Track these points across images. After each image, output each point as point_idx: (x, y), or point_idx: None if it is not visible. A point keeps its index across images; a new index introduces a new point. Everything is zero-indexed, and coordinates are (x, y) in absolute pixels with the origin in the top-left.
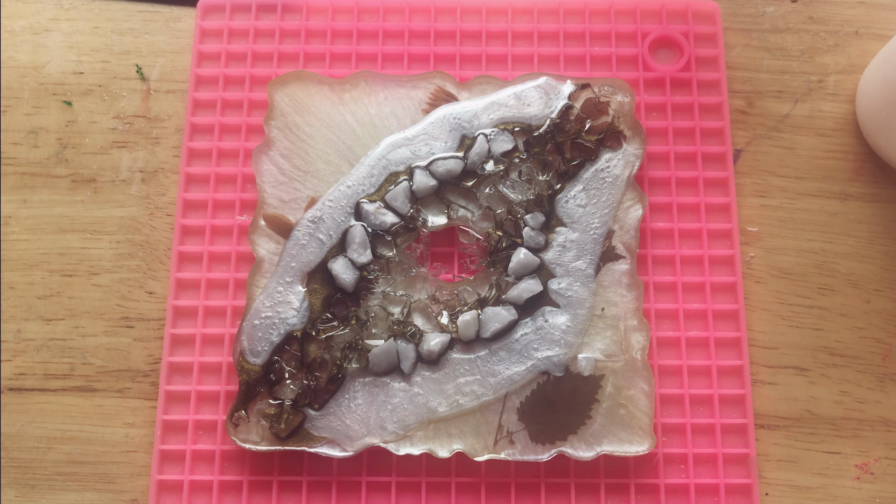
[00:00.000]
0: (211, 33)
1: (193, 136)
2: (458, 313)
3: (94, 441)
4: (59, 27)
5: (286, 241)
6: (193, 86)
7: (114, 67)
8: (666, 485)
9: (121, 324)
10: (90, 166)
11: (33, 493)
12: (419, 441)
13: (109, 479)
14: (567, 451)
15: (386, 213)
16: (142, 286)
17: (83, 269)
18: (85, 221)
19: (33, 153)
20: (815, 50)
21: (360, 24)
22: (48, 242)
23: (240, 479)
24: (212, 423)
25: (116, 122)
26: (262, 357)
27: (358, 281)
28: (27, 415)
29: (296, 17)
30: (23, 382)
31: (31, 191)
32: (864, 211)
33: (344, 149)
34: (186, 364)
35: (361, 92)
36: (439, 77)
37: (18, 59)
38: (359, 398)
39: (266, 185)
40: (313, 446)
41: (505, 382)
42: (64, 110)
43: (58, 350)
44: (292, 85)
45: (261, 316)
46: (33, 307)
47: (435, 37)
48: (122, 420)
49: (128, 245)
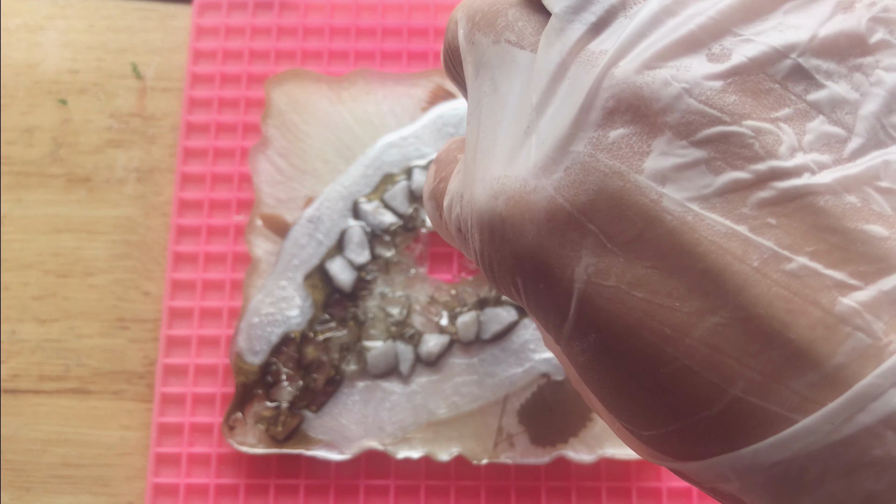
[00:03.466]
0: (207, 31)
1: (190, 134)
2: (457, 314)
3: (89, 444)
4: (55, 25)
5: (284, 241)
6: (190, 84)
7: (109, 65)
8: (668, 488)
9: (116, 325)
10: (85, 165)
11: (28, 497)
12: (418, 444)
13: (105, 483)
14: (568, 454)
15: (384, 213)
16: (137, 287)
17: (78, 269)
18: (80, 221)
19: (28, 152)
20: None
21: (359, 22)
22: (43, 242)
23: (236, 483)
24: (208, 425)
25: (112, 120)
26: (260, 356)
27: (356, 282)
28: (22, 417)
29: (293, 15)
30: (17, 384)
31: (26, 190)
32: None
33: (342, 147)
34: (182, 366)
35: (360, 90)
36: (438, 75)
37: (13, 58)
38: (357, 400)
39: (263, 184)
40: (311, 449)
41: (503, 384)
42: (59, 109)
43: (52, 351)
44: (290, 83)
45: (260, 313)
46: (28, 308)
47: (434, 34)
48: (118, 422)
49: (123, 245)
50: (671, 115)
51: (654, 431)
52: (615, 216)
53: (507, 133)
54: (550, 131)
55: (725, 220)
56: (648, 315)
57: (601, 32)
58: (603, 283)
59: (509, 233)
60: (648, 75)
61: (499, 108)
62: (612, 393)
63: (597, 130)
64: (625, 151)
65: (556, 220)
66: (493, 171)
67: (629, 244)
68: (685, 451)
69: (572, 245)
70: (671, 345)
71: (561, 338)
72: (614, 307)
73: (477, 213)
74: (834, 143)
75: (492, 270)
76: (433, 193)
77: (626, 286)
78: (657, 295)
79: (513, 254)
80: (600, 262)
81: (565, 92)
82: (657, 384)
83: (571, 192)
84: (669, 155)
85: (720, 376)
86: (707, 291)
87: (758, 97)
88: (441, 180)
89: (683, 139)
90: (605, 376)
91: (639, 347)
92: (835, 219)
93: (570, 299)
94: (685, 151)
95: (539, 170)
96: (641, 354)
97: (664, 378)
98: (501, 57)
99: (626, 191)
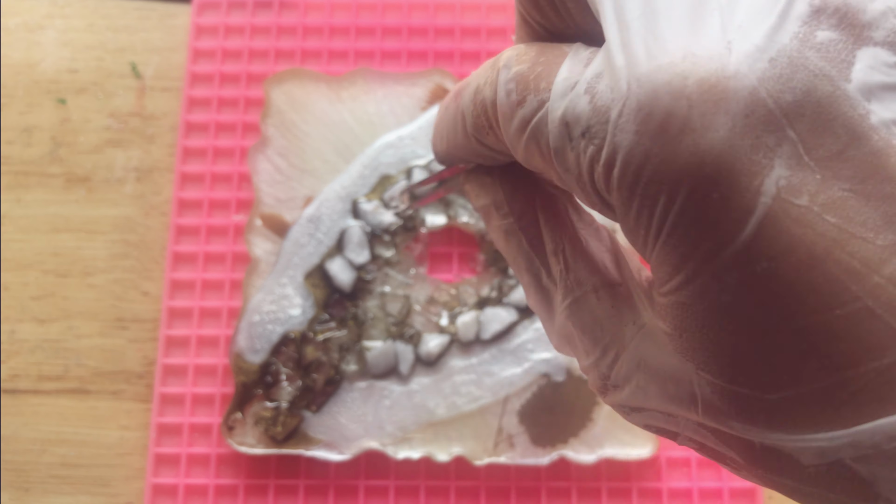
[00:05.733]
0: (207, 30)
1: (189, 134)
2: (457, 314)
3: (88, 444)
4: (54, 24)
5: (283, 241)
6: (189, 83)
7: (108, 65)
8: (669, 489)
9: (115, 325)
10: (84, 165)
11: (27, 497)
12: (418, 444)
13: (104, 483)
14: (568, 455)
15: (384, 213)
16: (137, 287)
17: (77, 269)
18: (79, 221)
19: (27, 152)
20: None
21: (359, 21)
22: (42, 242)
23: (236, 483)
24: (207, 425)
25: (111, 120)
26: (260, 355)
27: (356, 281)
28: (21, 417)
29: (293, 14)
30: (17, 384)
31: (25, 190)
32: None
33: (342, 147)
34: (182, 366)
35: (359, 89)
36: (438, 74)
37: (12, 57)
38: (357, 399)
39: (262, 183)
40: (310, 449)
41: (503, 384)
42: (58, 108)
43: (52, 351)
44: (289, 82)
45: (261, 311)
46: (27, 308)
47: (434, 33)
48: (117, 422)
49: (122, 245)
50: (877, 31)
51: (788, 392)
52: (819, 125)
53: (682, 12)
54: (751, 17)
55: None
56: (838, 244)
57: None
58: (793, 202)
59: (696, 122)
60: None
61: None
62: (746, 343)
63: (803, 26)
64: (833, 55)
65: (755, 117)
66: (676, 45)
67: (828, 160)
68: (826, 417)
69: (766, 150)
70: (858, 281)
71: (701, 273)
72: (801, 231)
73: (647, 95)
74: None
75: (636, 176)
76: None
77: (818, 207)
78: (851, 222)
79: (693, 149)
80: (793, 175)
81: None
82: (827, 327)
83: (777, 87)
84: (876, 70)
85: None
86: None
87: None
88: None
89: (891, 58)
90: (749, 323)
91: (818, 282)
92: None
93: (749, 215)
94: (892, 70)
95: (742, 55)
96: (819, 291)
97: (838, 320)
98: None
99: (836, 98)
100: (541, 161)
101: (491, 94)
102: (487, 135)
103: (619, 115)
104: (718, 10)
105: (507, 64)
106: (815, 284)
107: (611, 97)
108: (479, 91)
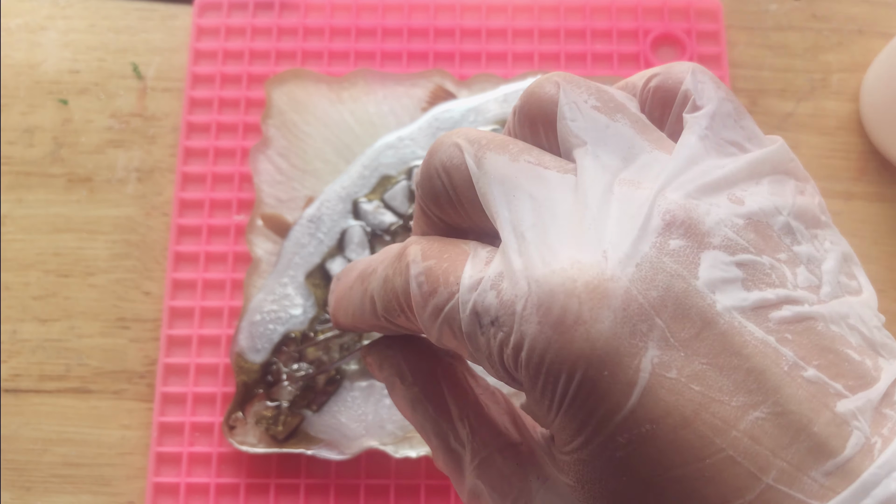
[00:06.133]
0: (208, 31)
1: (190, 135)
2: None
3: (89, 443)
4: (55, 25)
5: (284, 241)
6: (190, 84)
7: (110, 66)
8: None
9: (117, 325)
10: (86, 165)
11: (29, 496)
12: (418, 443)
13: (105, 482)
14: None
15: (385, 213)
16: (138, 287)
17: (79, 269)
18: (81, 221)
19: (29, 152)
20: (818, 48)
21: (359, 22)
22: (44, 242)
23: (237, 482)
24: (209, 425)
25: (112, 120)
26: (262, 354)
27: None
28: (23, 416)
29: (294, 15)
30: (18, 384)
31: (27, 190)
32: (868, 210)
33: (342, 148)
34: (183, 365)
35: (360, 90)
36: (438, 75)
37: (14, 58)
38: (357, 399)
39: (263, 184)
40: (311, 448)
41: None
42: (59, 109)
43: (53, 351)
44: (290, 83)
45: (263, 311)
46: (29, 308)
47: (434, 34)
48: (118, 422)
49: (124, 245)
50: (714, 238)
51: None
52: (679, 314)
53: (565, 227)
54: (618, 232)
55: (759, 329)
56: (703, 407)
57: (630, 166)
58: (666, 375)
59: (586, 316)
60: (693, 203)
61: (545, 207)
62: (638, 491)
63: (658, 237)
64: (683, 259)
65: (630, 310)
66: (564, 254)
67: (689, 341)
68: None
69: (641, 336)
70: (720, 435)
71: (598, 435)
72: (673, 398)
73: (546, 293)
74: (814, 286)
75: (541, 359)
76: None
77: (685, 378)
78: (711, 389)
79: (586, 337)
80: (664, 354)
81: (620, 204)
82: (700, 474)
83: (644, 286)
84: (716, 268)
85: (757, 466)
86: (751, 388)
87: (766, 240)
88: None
89: (726, 258)
90: (638, 474)
91: (690, 438)
92: (829, 341)
93: (633, 387)
94: (727, 268)
95: (615, 262)
96: (691, 445)
97: (708, 468)
98: (528, 173)
99: (689, 293)
100: (454, 341)
101: (402, 283)
102: (399, 317)
103: (524, 308)
104: (593, 225)
105: (415, 259)
106: (688, 440)
107: (514, 293)
108: (389, 280)
